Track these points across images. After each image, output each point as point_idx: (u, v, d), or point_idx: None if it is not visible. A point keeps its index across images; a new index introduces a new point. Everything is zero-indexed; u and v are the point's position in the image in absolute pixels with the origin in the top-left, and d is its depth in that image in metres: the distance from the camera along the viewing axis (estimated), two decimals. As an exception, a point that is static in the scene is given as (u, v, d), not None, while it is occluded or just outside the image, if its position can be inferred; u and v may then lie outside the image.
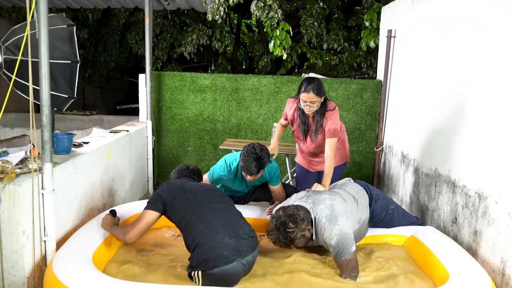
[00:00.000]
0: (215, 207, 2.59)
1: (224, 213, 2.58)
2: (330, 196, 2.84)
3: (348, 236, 2.62)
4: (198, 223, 2.48)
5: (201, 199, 2.62)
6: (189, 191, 2.67)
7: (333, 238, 2.61)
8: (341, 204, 2.78)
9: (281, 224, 2.61)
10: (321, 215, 2.69)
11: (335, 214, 2.68)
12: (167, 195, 2.67)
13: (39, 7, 2.31)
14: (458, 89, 3.15)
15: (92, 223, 2.90)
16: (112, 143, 3.76)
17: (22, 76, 3.72)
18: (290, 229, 2.59)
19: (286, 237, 2.62)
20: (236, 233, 2.46)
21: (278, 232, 2.62)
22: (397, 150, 4.55)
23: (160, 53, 7.91)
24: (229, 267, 2.34)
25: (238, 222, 2.58)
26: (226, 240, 2.40)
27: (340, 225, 2.63)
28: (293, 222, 2.60)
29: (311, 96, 3.14)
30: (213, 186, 2.92)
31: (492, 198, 2.61)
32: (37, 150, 2.57)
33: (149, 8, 4.77)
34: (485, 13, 2.81)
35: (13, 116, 6.82)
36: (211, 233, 2.42)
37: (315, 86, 3.14)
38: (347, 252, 2.59)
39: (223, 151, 5.26)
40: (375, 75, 6.13)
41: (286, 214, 2.64)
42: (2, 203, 2.32)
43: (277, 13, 4.94)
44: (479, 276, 2.37)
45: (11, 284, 2.40)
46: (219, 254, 2.35)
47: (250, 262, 2.46)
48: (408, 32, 4.36)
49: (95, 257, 2.51)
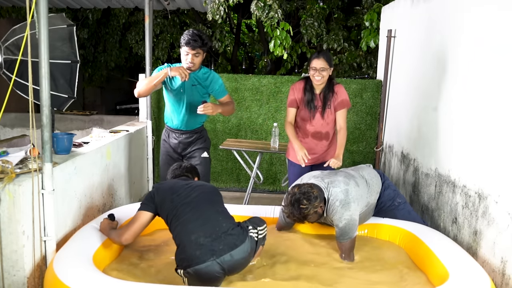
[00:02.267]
0: (195, 205, 2.56)
1: (203, 211, 2.54)
2: (345, 179, 2.97)
3: (355, 222, 2.86)
4: (176, 224, 2.52)
5: (185, 199, 2.60)
6: (176, 192, 2.66)
7: (342, 222, 2.83)
8: (355, 189, 2.94)
9: (295, 201, 2.76)
10: (336, 198, 2.85)
11: (348, 200, 2.85)
12: (157, 196, 2.68)
13: (39, 7, 2.31)
14: (458, 89, 3.15)
15: (92, 223, 2.90)
16: (112, 143, 3.76)
17: (22, 76, 3.72)
18: (304, 206, 2.74)
19: (300, 213, 2.76)
20: (212, 232, 2.42)
21: (292, 208, 2.77)
22: (397, 150, 4.55)
23: (160, 53, 7.90)
24: (202, 267, 2.32)
25: (216, 219, 2.52)
26: (201, 240, 2.38)
27: (351, 211, 2.84)
28: (307, 199, 2.75)
29: (321, 62, 3.26)
30: (202, 183, 2.84)
31: (492, 198, 2.61)
32: (37, 150, 2.57)
33: (149, 8, 4.77)
34: (485, 13, 2.81)
35: (13, 116, 6.81)
36: (186, 233, 2.44)
37: (325, 53, 3.32)
38: (350, 236, 2.84)
39: (223, 151, 5.26)
40: (375, 75, 6.13)
41: (301, 191, 2.79)
42: (2, 203, 2.32)
43: (277, 13, 4.93)
44: (478, 275, 2.37)
45: (11, 284, 2.40)
46: (192, 254, 2.35)
47: (228, 261, 2.37)
48: (408, 32, 4.36)
49: (95, 257, 2.50)
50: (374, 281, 2.59)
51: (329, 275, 2.64)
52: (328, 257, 2.90)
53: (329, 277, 2.60)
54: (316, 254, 2.93)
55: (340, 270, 2.73)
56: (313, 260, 2.83)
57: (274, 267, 2.68)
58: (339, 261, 2.85)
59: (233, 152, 4.69)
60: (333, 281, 2.55)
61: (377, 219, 3.25)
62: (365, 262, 2.85)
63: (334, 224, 2.90)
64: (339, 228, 2.85)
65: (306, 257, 2.86)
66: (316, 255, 2.91)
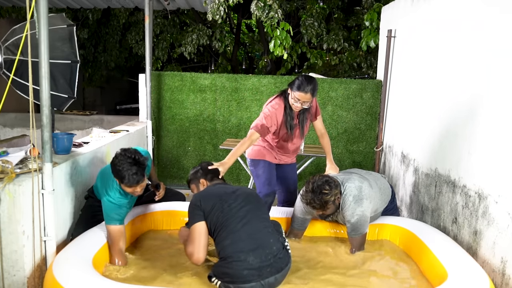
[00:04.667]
0: (247, 222, 2.49)
1: (255, 228, 2.49)
2: (360, 178, 3.05)
3: (367, 218, 2.94)
4: (225, 236, 2.43)
5: (236, 212, 2.51)
6: (226, 201, 2.55)
7: (354, 217, 2.89)
8: (368, 188, 3.00)
9: (317, 187, 2.80)
10: (349, 193, 2.91)
11: (361, 196, 2.91)
12: (204, 204, 2.55)
13: (39, 7, 2.31)
14: (458, 89, 3.14)
15: (95, 229, 2.85)
16: (112, 143, 3.76)
17: (22, 76, 3.72)
18: (326, 191, 2.80)
19: (321, 199, 2.80)
20: (262, 254, 2.38)
21: (313, 194, 2.81)
22: (397, 150, 4.55)
23: (160, 53, 7.91)
24: (246, 286, 2.31)
25: (268, 240, 2.46)
26: (250, 259, 2.34)
27: (363, 207, 2.90)
28: (329, 185, 2.82)
29: (307, 96, 3.06)
30: (245, 190, 2.71)
31: (492, 198, 2.60)
32: (37, 150, 2.57)
33: (149, 8, 4.77)
34: (485, 14, 2.81)
35: (13, 116, 6.82)
36: (236, 251, 2.37)
37: (314, 88, 3.07)
38: (362, 231, 2.93)
39: (223, 151, 5.26)
40: (375, 75, 6.13)
41: (323, 179, 2.85)
42: (2, 203, 2.32)
43: (277, 13, 4.93)
44: (477, 275, 2.37)
45: (11, 284, 2.40)
46: (239, 273, 2.32)
47: (272, 283, 2.37)
48: (408, 32, 4.36)
49: (95, 260, 2.49)
50: (372, 281, 2.60)
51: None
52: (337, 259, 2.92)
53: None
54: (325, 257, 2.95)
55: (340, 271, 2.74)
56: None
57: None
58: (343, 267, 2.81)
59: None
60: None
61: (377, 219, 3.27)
62: (366, 262, 2.86)
63: (345, 220, 2.95)
64: (351, 223, 2.91)
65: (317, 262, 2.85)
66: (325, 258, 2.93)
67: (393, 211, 3.38)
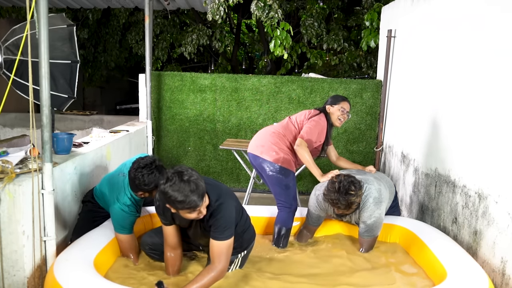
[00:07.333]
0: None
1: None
2: (377, 180, 3.05)
3: (382, 221, 2.95)
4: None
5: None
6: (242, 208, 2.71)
7: (371, 219, 2.90)
8: (385, 190, 3.02)
9: (343, 187, 2.77)
10: (370, 195, 2.90)
11: (381, 199, 2.93)
12: (237, 216, 2.56)
13: (39, 7, 2.31)
14: (458, 89, 3.14)
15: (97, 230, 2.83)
16: (112, 143, 3.76)
17: (22, 76, 3.72)
18: (352, 192, 2.78)
19: (347, 200, 2.78)
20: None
21: (338, 194, 2.77)
22: (397, 150, 4.55)
23: (160, 53, 7.90)
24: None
25: None
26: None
27: (381, 210, 2.91)
28: (354, 186, 2.80)
29: (349, 105, 3.33)
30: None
31: (492, 198, 2.60)
32: (37, 150, 2.57)
33: (149, 8, 4.77)
34: (486, 13, 2.81)
35: (13, 116, 6.81)
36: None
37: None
38: (375, 233, 2.96)
39: (223, 151, 5.26)
40: (375, 75, 6.13)
41: (348, 179, 2.82)
42: (2, 203, 2.32)
43: (277, 13, 4.93)
44: (476, 275, 2.37)
45: (11, 284, 2.40)
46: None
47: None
48: (408, 32, 4.36)
49: (96, 261, 2.48)
50: (372, 281, 2.61)
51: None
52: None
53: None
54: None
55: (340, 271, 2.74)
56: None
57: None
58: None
59: (233, 152, 4.69)
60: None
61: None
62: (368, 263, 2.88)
63: (361, 221, 2.95)
64: (366, 224, 2.91)
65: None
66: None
67: (394, 208, 3.39)
